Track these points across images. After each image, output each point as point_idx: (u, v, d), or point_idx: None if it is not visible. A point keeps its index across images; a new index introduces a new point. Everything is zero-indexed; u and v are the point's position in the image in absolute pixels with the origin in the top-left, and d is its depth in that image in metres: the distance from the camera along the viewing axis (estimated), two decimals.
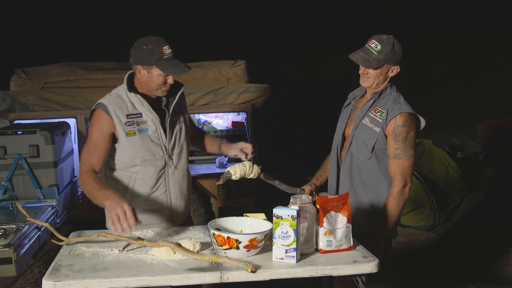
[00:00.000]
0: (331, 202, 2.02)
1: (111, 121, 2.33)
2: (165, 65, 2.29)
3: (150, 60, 2.29)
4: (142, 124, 2.38)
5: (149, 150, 2.38)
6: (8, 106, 4.34)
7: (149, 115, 2.38)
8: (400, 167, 2.37)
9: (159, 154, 2.41)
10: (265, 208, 2.21)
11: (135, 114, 2.37)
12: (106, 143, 2.35)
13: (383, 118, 2.39)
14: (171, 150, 2.45)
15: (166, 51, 2.29)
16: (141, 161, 2.38)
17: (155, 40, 2.33)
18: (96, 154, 2.34)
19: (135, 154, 2.37)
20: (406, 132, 2.36)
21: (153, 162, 2.40)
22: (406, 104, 2.41)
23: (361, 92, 2.60)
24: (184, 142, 2.51)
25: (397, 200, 2.39)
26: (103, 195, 2.16)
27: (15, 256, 2.68)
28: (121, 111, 2.35)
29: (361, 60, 2.40)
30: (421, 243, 4.86)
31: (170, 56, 2.31)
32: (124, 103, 2.37)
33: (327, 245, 1.99)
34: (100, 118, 2.35)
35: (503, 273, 4.15)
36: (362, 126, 2.46)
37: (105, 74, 4.93)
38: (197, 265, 1.87)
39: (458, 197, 5.49)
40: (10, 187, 3.64)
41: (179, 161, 2.49)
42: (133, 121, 2.36)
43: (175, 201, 2.51)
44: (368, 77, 2.43)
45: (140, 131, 2.37)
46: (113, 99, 2.38)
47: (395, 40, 2.41)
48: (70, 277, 1.74)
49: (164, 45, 2.30)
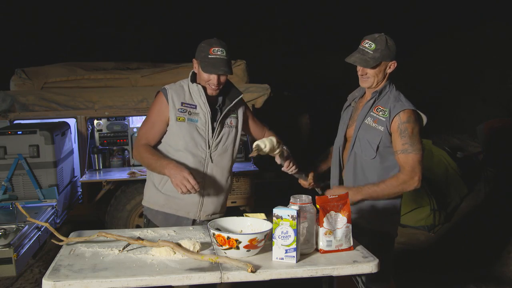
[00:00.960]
0: (331, 202, 2.02)
1: (166, 104, 2.54)
2: (206, 63, 2.46)
3: (199, 56, 2.51)
4: (194, 115, 2.56)
5: (193, 139, 2.54)
6: (8, 106, 4.34)
7: (202, 108, 2.56)
8: (410, 160, 2.38)
9: (201, 147, 2.56)
10: (265, 208, 2.21)
11: (190, 104, 2.56)
12: (162, 123, 2.56)
13: (386, 117, 2.41)
14: (214, 147, 2.59)
15: (213, 52, 2.46)
16: (183, 148, 2.54)
17: (211, 41, 2.51)
18: (152, 132, 2.57)
19: (179, 139, 2.54)
20: (411, 128, 2.38)
21: (195, 152, 2.55)
22: (407, 102, 2.43)
23: (361, 92, 2.61)
24: (230, 145, 2.66)
25: (397, 182, 2.38)
26: (161, 164, 2.41)
27: (15, 256, 2.68)
28: (178, 97, 2.56)
29: (359, 61, 2.42)
30: (421, 243, 4.86)
31: (215, 57, 2.46)
32: (183, 92, 2.59)
33: (327, 245, 2.00)
34: (159, 100, 2.58)
35: (503, 273, 4.15)
36: (365, 126, 2.47)
37: (105, 74, 4.93)
38: (197, 265, 1.87)
39: (458, 197, 5.49)
40: (10, 187, 3.65)
41: (220, 160, 2.63)
42: (186, 109, 2.55)
43: (207, 196, 2.61)
44: (368, 77, 2.45)
45: (190, 120, 2.55)
46: (174, 86, 2.61)
47: (387, 37, 2.44)
48: (70, 277, 1.74)
49: (215, 47, 2.47)
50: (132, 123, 4.82)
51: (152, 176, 2.65)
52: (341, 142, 2.60)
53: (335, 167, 2.63)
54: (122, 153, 4.77)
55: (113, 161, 4.69)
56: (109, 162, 4.70)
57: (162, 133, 2.58)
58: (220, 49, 2.47)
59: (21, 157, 3.64)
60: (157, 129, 2.57)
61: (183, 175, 2.30)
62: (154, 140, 2.58)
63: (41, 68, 4.93)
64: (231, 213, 2.60)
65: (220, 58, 2.47)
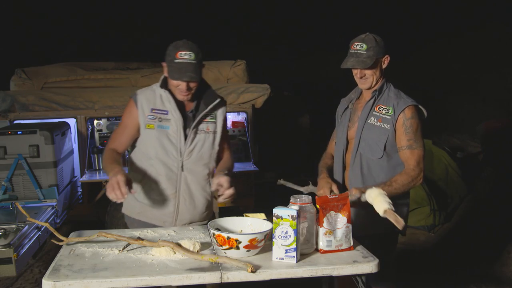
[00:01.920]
0: (331, 202, 2.02)
1: (136, 110, 2.44)
2: (172, 68, 2.31)
3: (166, 59, 2.36)
4: (165, 121, 2.44)
5: (163, 147, 2.43)
6: (8, 106, 4.34)
7: (174, 115, 2.43)
8: (416, 156, 2.39)
9: (172, 155, 2.44)
10: (265, 208, 2.21)
11: (160, 110, 2.44)
12: (132, 129, 2.47)
13: (391, 115, 2.42)
14: (187, 155, 2.45)
15: (180, 56, 2.29)
16: (154, 156, 2.44)
17: (179, 43, 2.36)
18: (121, 137, 2.49)
19: (150, 147, 2.44)
20: (416, 124, 2.40)
21: (166, 160, 2.44)
22: (408, 97, 2.45)
23: (357, 94, 2.61)
24: (207, 153, 2.50)
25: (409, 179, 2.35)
26: (109, 168, 2.29)
27: (15, 256, 2.68)
28: (147, 103, 2.44)
29: (357, 64, 2.41)
30: (421, 243, 4.86)
31: (181, 62, 2.29)
32: (154, 97, 2.46)
33: (327, 245, 2.00)
34: (130, 106, 2.49)
35: (503, 273, 4.15)
36: (369, 126, 2.46)
37: (105, 74, 4.93)
38: (197, 265, 1.87)
39: (458, 197, 5.49)
40: (10, 187, 3.65)
41: (195, 168, 2.49)
42: (156, 116, 2.43)
43: (183, 206, 2.50)
44: (367, 78, 2.45)
45: (160, 127, 2.43)
46: (145, 91, 2.50)
47: (373, 35, 2.46)
48: (70, 277, 1.73)
49: (182, 50, 2.30)
50: None
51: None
52: (344, 144, 2.58)
53: (338, 170, 2.60)
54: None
55: None
56: None
57: (132, 139, 2.49)
58: (188, 53, 2.29)
59: (21, 157, 3.64)
60: (127, 135, 2.48)
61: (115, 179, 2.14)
62: (122, 145, 2.48)
63: (41, 68, 4.94)
64: (231, 213, 2.60)
65: (187, 62, 2.28)
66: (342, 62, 2.46)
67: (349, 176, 2.54)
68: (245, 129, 4.92)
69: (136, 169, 2.51)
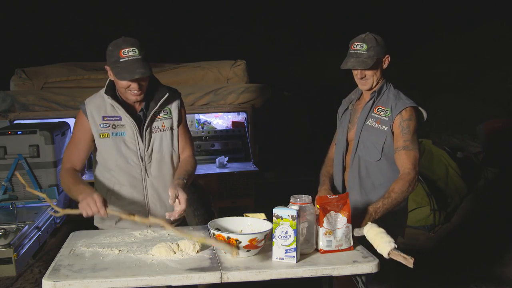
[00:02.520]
0: (331, 202, 2.02)
1: (87, 121, 2.30)
2: (118, 68, 2.16)
3: (109, 62, 2.21)
4: (119, 127, 2.30)
5: (122, 156, 2.31)
6: (8, 106, 4.34)
7: (127, 120, 2.30)
8: (412, 158, 2.33)
9: (133, 161, 2.33)
10: (265, 208, 2.21)
11: (113, 117, 2.30)
12: (86, 142, 2.32)
13: (389, 116, 2.39)
14: (148, 158, 2.34)
15: (124, 54, 2.14)
16: (114, 166, 2.32)
17: (120, 42, 2.20)
18: (76, 152, 2.33)
19: (108, 157, 2.32)
20: (413, 126, 2.36)
21: (127, 168, 2.33)
22: (408, 99, 2.42)
23: (357, 95, 2.58)
24: (167, 151, 2.38)
25: (406, 185, 2.27)
26: (78, 190, 2.15)
27: (15, 256, 2.68)
28: (98, 112, 2.30)
29: (357, 64, 2.37)
30: (421, 243, 4.85)
31: (127, 60, 2.14)
32: (104, 104, 2.32)
33: (327, 245, 1.99)
34: (80, 118, 2.34)
35: (503, 273, 4.15)
36: (367, 128, 2.44)
37: (105, 74, 4.91)
38: (197, 265, 1.87)
39: (458, 197, 5.49)
40: (10, 187, 3.65)
41: (159, 171, 2.37)
42: (109, 124, 2.29)
43: (153, 210, 2.40)
44: (367, 79, 2.43)
45: (115, 135, 2.30)
46: (95, 99, 2.35)
47: (373, 34, 2.43)
48: (70, 277, 1.74)
49: (124, 48, 2.15)
50: None
51: None
52: (344, 146, 2.56)
53: (338, 172, 2.59)
54: None
55: None
56: None
57: (87, 152, 2.34)
58: (132, 49, 2.14)
59: (21, 157, 3.64)
60: (81, 149, 2.32)
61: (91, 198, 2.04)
62: (79, 161, 2.33)
63: (41, 68, 4.93)
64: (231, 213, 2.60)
65: (133, 59, 2.14)
66: (342, 63, 2.43)
67: (348, 178, 2.53)
68: (245, 129, 4.92)
69: (100, 185, 2.39)
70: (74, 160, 2.33)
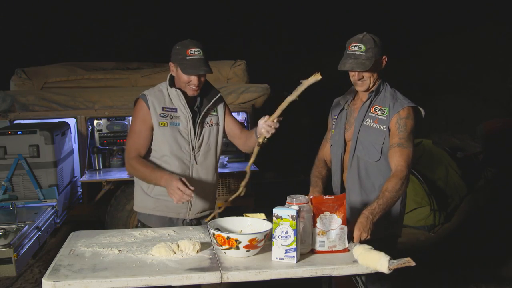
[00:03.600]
0: (326, 203, 2.01)
1: (148, 110, 2.54)
2: (185, 65, 2.46)
3: (176, 59, 2.50)
4: (175, 118, 2.57)
5: (177, 143, 2.56)
6: (8, 106, 4.34)
7: (183, 111, 2.58)
8: (405, 155, 2.31)
9: (185, 149, 2.58)
10: (265, 208, 2.21)
11: (170, 108, 2.58)
12: (147, 131, 2.56)
13: (387, 115, 2.38)
14: (198, 148, 2.61)
15: (190, 53, 2.46)
16: (169, 152, 2.56)
17: (186, 42, 2.51)
18: (140, 141, 2.56)
19: (164, 144, 2.55)
20: (409, 124, 2.35)
21: (180, 155, 2.57)
22: (405, 98, 2.41)
23: (352, 94, 2.56)
24: (213, 144, 2.67)
25: (400, 183, 2.25)
26: (156, 176, 2.42)
27: (15, 256, 2.68)
28: (158, 102, 2.56)
29: (356, 66, 2.34)
30: (421, 243, 4.86)
31: (193, 58, 2.46)
32: (163, 96, 2.59)
33: (320, 245, 1.99)
34: (141, 108, 2.57)
35: (503, 273, 4.15)
36: (365, 128, 2.43)
37: (105, 74, 4.93)
38: (197, 265, 1.87)
39: (458, 197, 5.49)
40: (10, 187, 3.65)
41: (204, 160, 2.64)
42: (167, 114, 2.57)
43: (195, 196, 2.59)
44: (365, 80, 2.40)
45: (172, 124, 2.56)
46: (153, 91, 2.61)
47: (370, 34, 2.40)
48: (70, 277, 1.74)
49: (191, 48, 2.47)
50: None
51: (140, 182, 2.65)
52: (342, 146, 2.54)
53: (336, 173, 2.57)
54: (122, 153, 4.77)
55: (113, 161, 4.69)
56: (109, 162, 4.69)
57: (149, 140, 2.58)
58: (197, 49, 2.47)
59: (21, 157, 3.64)
60: (144, 137, 2.56)
61: (175, 185, 2.31)
62: (144, 149, 2.57)
63: (41, 68, 4.93)
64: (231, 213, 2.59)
65: (198, 58, 2.46)
66: (340, 64, 2.40)
67: (347, 179, 2.51)
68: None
69: None
70: (139, 148, 2.56)
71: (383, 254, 1.85)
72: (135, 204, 2.72)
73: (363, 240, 2.09)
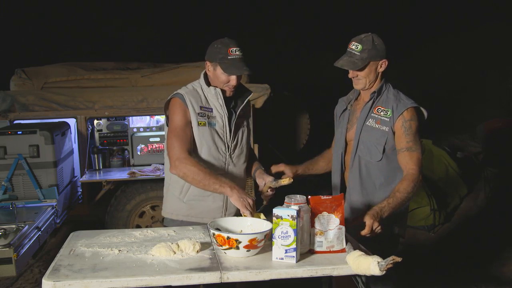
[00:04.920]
0: (324, 203, 2.01)
1: (187, 109, 2.45)
2: (226, 64, 2.39)
3: (216, 57, 2.42)
4: (212, 118, 2.50)
5: (214, 144, 2.49)
6: (8, 106, 4.34)
7: (219, 111, 2.50)
8: (415, 159, 2.34)
9: (222, 150, 2.52)
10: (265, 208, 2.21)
11: (207, 108, 2.50)
12: (189, 127, 2.46)
13: (390, 116, 2.39)
14: (233, 149, 2.55)
15: (232, 52, 2.39)
16: (206, 153, 2.48)
17: (226, 41, 2.44)
18: (186, 137, 2.44)
19: (202, 145, 2.47)
20: (415, 126, 2.36)
21: (216, 155, 2.51)
22: (408, 99, 2.42)
23: (355, 94, 2.58)
24: (245, 145, 2.62)
25: (412, 185, 2.28)
26: (221, 183, 2.30)
27: (15, 256, 2.68)
28: (196, 102, 2.47)
29: (346, 64, 2.39)
30: (421, 243, 4.86)
31: (235, 58, 2.39)
32: (199, 95, 2.50)
33: (318, 245, 1.99)
34: (179, 105, 2.46)
35: (503, 273, 4.15)
36: (367, 128, 2.44)
37: (105, 74, 4.93)
38: (197, 265, 1.87)
39: (458, 197, 5.49)
40: (10, 187, 3.64)
41: (238, 161, 2.59)
42: (205, 113, 2.48)
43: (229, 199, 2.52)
44: (359, 79, 2.42)
45: (210, 124, 2.48)
46: (189, 90, 2.51)
47: (374, 36, 2.41)
48: (70, 277, 1.74)
49: (232, 47, 2.40)
50: (132, 123, 4.82)
51: (172, 187, 2.56)
52: (343, 146, 2.55)
53: (336, 172, 2.59)
54: (122, 153, 4.77)
55: (113, 161, 4.69)
56: (109, 162, 4.70)
57: (192, 137, 2.46)
58: (238, 49, 2.41)
59: (21, 157, 3.64)
60: (188, 134, 2.44)
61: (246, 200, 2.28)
62: (191, 145, 2.44)
63: (41, 68, 4.93)
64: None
65: (239, 57, 2.40)
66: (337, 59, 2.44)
67: (349, 179, 2.52)
68: None
69: None
70: (189, 147, 2.42)
71: (371, 259, 1.83)
72: (165, 211, 2.60)
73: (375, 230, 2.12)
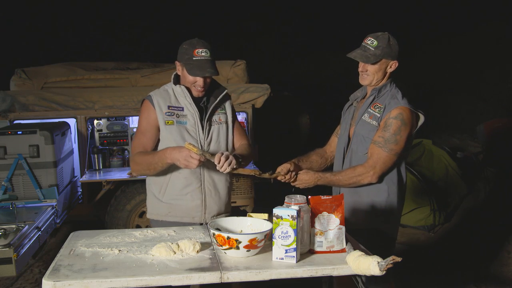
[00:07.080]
0: (324, 203, 2.01)
1: (153, 109, 2.50)
2: (191, 65, 2.41)
3: (182, 58, 2.46)
4: (182, 117, 2.52)
5: (185, 141, 2.46)
6: (8, 106, 4.34)
7: (189, 109, 2.53)
8: (375, 155, 2.38)
9: None
10: (265, 208, 2.21)
11: (177, 107, 2.54)
12: (153, 130, 2.52)
13: (381, 113, 2.43)
14: (207, 147, 2.55)
15: (198, 54, 2.41)
16: None
17: (194, 42, 2.46)
18: (146, 140, 2.52)
19: (171, 143, 2.47)
20: (396, 125, 2.37)
21: None
22: (403, 100, 2.43)
23: (362, 93, 2.61)
24: (223, 142, 2.61)
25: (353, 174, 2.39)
26: (159, 157, 2.37)
27: (15, 256, 2.68)
28: (164, 102, 2.52)
29: (359, 56, 2.43)
30: (421, 243, 4.86)
31: (200, 59, 2.41)
32: (168, 96, 2.55)
33: (318, 245, 1.99)
34: (146, 108, 2.54)
35: (503, 273, 4.15)
36: (362, 122, 2.49)
37: (105, 74, 4.93)
38: (197, 265, 1.87)
39: (458, 197, 5.49)
40: (10, 187, 3.64)
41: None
42: (173, 113, 2.52)
43: (209, 198, 2.58)
44: (367, 74, 2.46)
45: (179, 123, 2.51)
46: (159, 91, 2.58)
47: (390, 36, 2.45)
48: (70, 277, 1.74)
49: (198, 48, 2.42)
50: (132, 123, 4.82)
51: (151, 187, 2.61)
52: (345, 141, 2.60)
53: (338, 167, 2.63)
54: (122, 153, 4.77)
55: (113, 161, 4.69)
56: (109, 162, 4.70)
57: (155, 140, 2.53)
58: (204, 50, 2.42)
59: (21, 157, 3.64)
60: (149, 136, 2.52)
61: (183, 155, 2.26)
62: (150, 149, 2.52)
63: (41, 68, 4.93)
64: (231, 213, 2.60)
65: (205, 59, 2.41)
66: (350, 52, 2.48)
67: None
68: (245, 129, 4.92)
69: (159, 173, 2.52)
70: (145, 147, 2.51)
71: (371, 259, 1.82)
72: (148, 212, 2.65)
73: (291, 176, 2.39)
